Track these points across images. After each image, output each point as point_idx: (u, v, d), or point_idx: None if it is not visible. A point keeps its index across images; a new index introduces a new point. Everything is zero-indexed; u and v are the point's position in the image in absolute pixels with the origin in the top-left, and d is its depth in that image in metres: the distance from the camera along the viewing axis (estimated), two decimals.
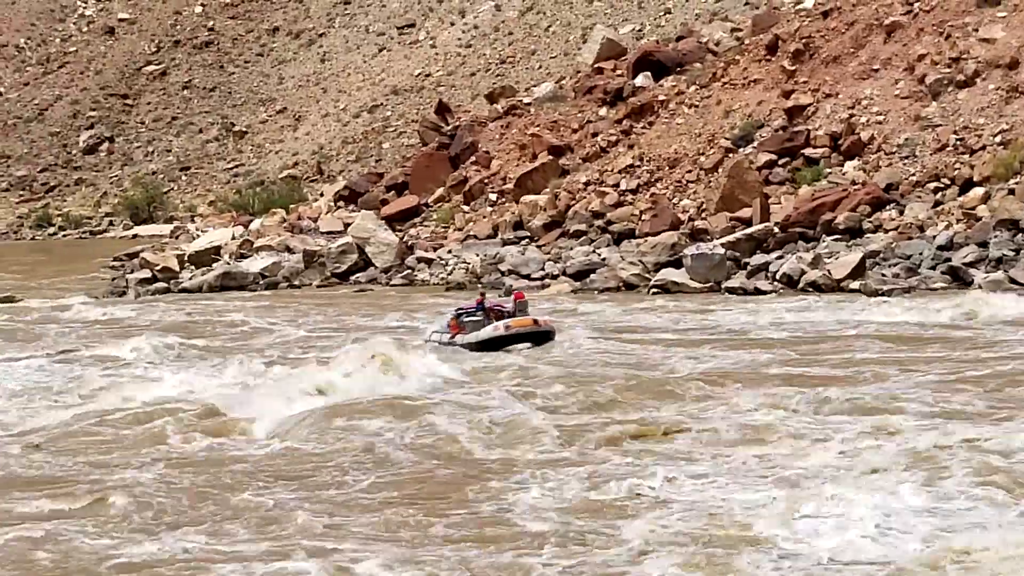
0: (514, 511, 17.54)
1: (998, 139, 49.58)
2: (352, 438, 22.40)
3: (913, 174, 50.37)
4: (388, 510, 17.87)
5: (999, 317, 35.18)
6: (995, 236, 44.26)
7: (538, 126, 64.07)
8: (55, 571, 15.80)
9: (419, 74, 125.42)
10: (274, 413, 24.55)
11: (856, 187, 49.94)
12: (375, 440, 22.10)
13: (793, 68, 58.37)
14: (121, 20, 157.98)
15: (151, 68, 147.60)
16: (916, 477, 18.04)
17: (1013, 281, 41.59)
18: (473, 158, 64.61)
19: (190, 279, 55.33)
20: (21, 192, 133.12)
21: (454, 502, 18.23)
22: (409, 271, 54.14)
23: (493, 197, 60.89)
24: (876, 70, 56.07)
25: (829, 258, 45.28)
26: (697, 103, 60.56)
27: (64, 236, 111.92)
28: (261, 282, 54.35)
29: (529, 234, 55.87)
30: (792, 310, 39.16)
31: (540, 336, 33.19)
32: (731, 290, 44.63)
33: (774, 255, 46.82)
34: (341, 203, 68.22)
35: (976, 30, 54.56)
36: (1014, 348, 30.24)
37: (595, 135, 61.60)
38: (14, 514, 18.18)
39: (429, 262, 54.88)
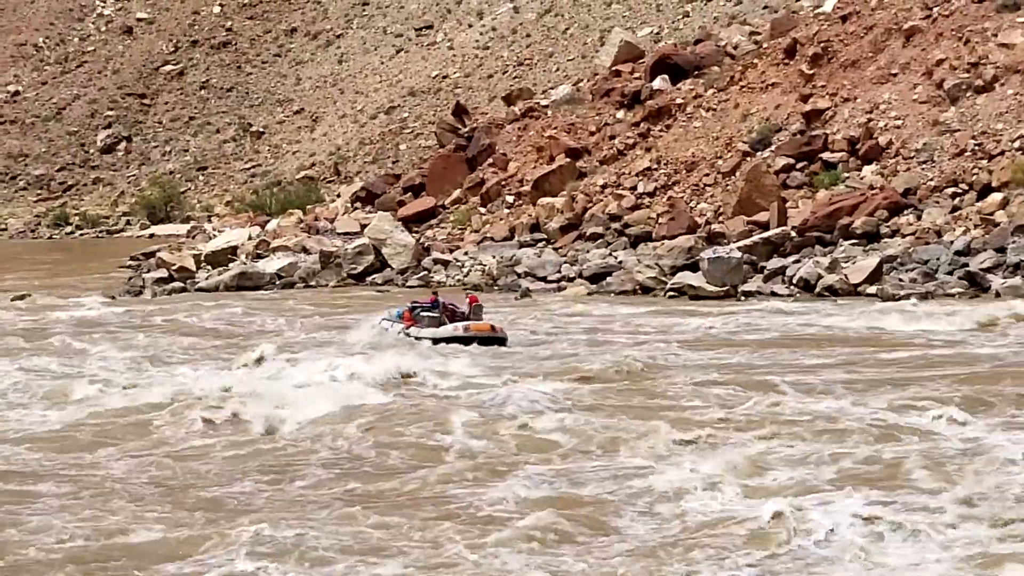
0: None
1: (1016, 144, 49.38)
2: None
3: (931, 179, 50.22)
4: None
5: None
6: (1013, 241, 44.06)
7: (555, 128, 64.08)
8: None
9: (436, 76, 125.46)
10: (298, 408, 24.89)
11: (874, 192, 49.80)
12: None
13: (811, 72, 58.26)
14: (139, 20, 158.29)
15: (169, 68, 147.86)
16: None
17: None
18: (490, 160, 64.63)
19: (206, 279, 55.35)
20: (39, 191, 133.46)
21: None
22: (425, 272, 54.10)
23: (510, 199, 60.91)
24: (894, 74, 55.94)
25: (846, 262, 45.15)
26: (715, 106, 60.50)
27: (81, 235, 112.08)
28: (277, 282, 54.38)
29: (546, 236, 55.83)
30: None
31: (495, 342, 34.60)
32: (747, 294, 44.49)
33: (791, 259, 46.67)
34: (358, 204, 68.28)
35: (995, 35, 54.40)
36: None
37: (612, 138, 61.58)
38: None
39: (445, 264, 54.86)
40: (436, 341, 34.53)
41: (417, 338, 35.13)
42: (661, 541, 16.29)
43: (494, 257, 53.17)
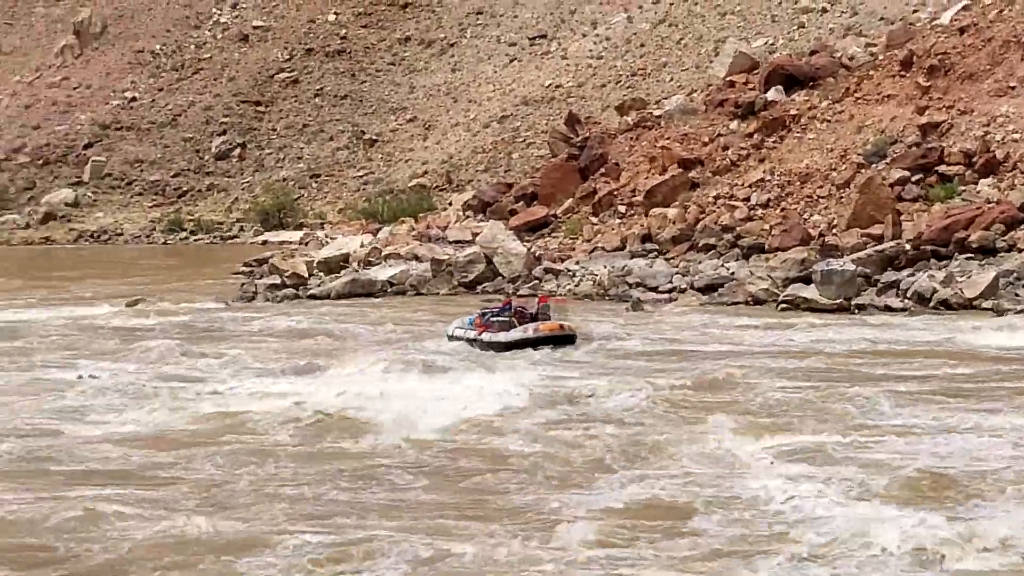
0: None
1: None
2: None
3: None
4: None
5: None
6: None
7: (668, 139, 63.92)
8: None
9: (550, 85, 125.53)
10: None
11: (990, 205, 49.08)
12: None
13: (928, 84, 57.59)
14: (255, 28, 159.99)
15: (284, 75, 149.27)
16: None
17: None
18: (602, 170, 64.59)
19: (318, 286, 55.74)
20: (154, 196, 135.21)
21: None
22: (536, 282, 54.05)
23: (622, 209, 60.78)
24: (1012, 87, 55.17)
25: (961, 277, 44.54)
26: (829, 118, 60.00)
27: (195, 241, 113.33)
28: (388, 290, 54.63)
29: (657, 247, 55.64)
30: None
31: (564, 339, 35.50)
32: (861, 307, 44.01)
33: (905, 273, 46.12)
34: (470, 213, 68.53)
35: None
36: None
37: (726, 149, 61.27)
38: None
39: (556, 273, 54.80)
40: (503, 347, 34.90)
41: (488, 343, 35.57)
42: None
43: (605, 267, 53.06)
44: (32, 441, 23.88)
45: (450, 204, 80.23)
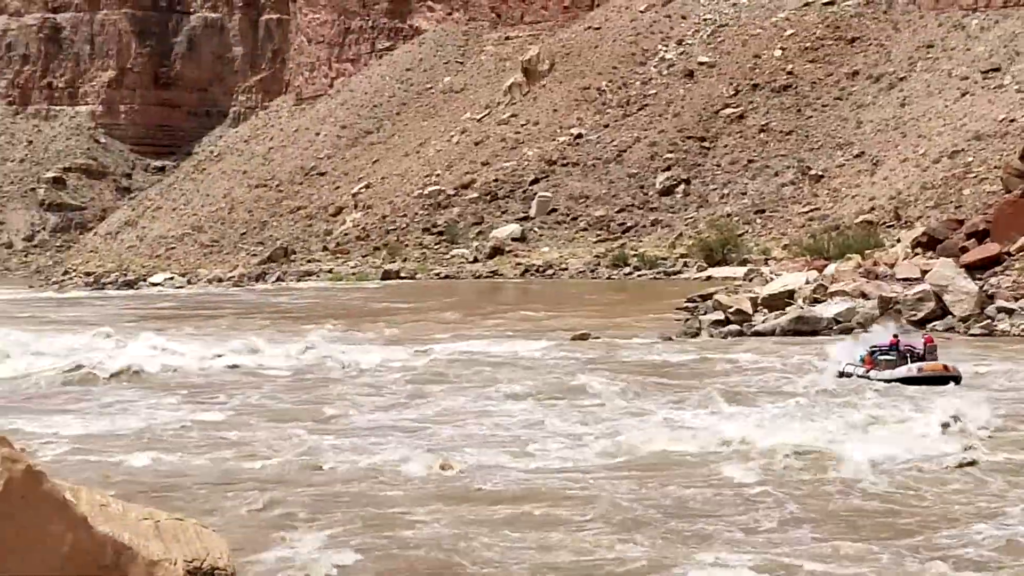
0: None
1: None
2: None
3: None
4: None
5: None
6: None
7: None
8: None
9: (1003, 119, 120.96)
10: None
11: None
12: None
13: None
14: (701, 63, 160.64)
15: (729, 111, 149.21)
16: None
17: None
18: None
19: (763, 322, 54.98)
20: (599, 232, 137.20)
21: None
22: (988, 321, 51.76)
23: None
24: None
25: None
26: None
27: (639, 276, 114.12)
28: (835, 327, 53.34)
29: None
30: None
31: (947, 380, 35.43)
32: None
33: None
34: (919, 250, 66.34)
35: None
36: None
37: None
38: None
39: (1010, 312, 52.39)
40: (891, 381, 35.86)
41: (876, 380, 36.46)
42: None
43: None
44: None
45: (898, 241, 78.03)
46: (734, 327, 54.66)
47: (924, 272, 57.92)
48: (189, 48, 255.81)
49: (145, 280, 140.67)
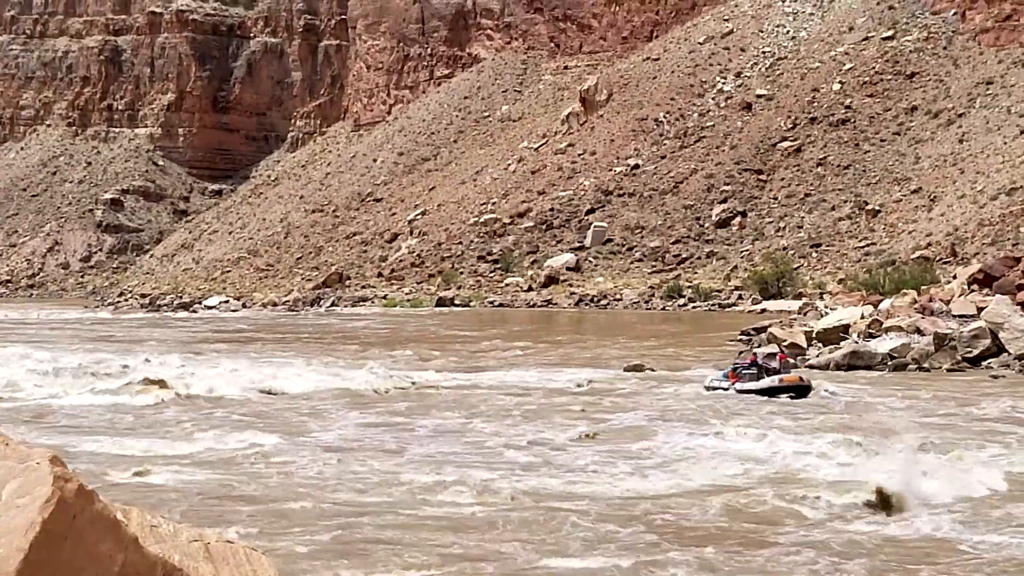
0: None
1: None
2: None
3: None
4: None
5: None
6: None
7: None
8: None
9: None
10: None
11: None
12: None
13: None
14: (759, 96, 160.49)
15: (786, 144, 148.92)
16: None
17: None
18: None
19: (817, 356, 54.67)
20: (653, 263, 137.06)
21: None
22: None
23: None
24: None
25: None
26: None
27: (693, 308, 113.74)
28: (889, 363, 52.93)
29: None
30: None
31: (803, 390, 41.54)
32: None
33: None
34: (975, 286, 65.84)
35: None
36: None
37: None
38: None
39: None
40: (752, 393, 41.08)
41: (742, 391, 41.66)
42: None
43: None
44: None
45: (954, 277, 77.44)
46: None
47: (980, 309, 57.40)
48: (248, 72, 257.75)
49: (200, 303, 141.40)
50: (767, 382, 41.87)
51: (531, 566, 19.05)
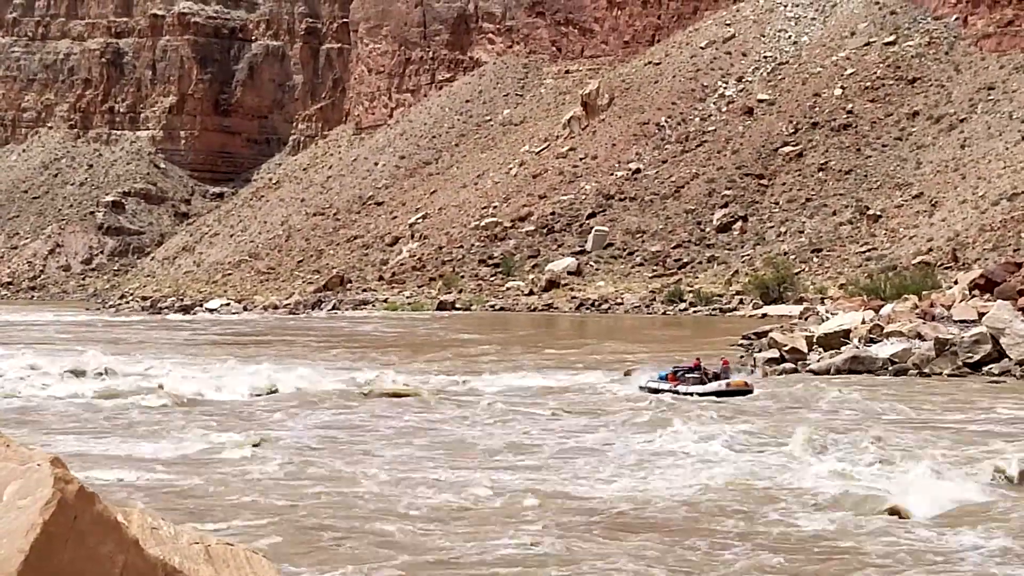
0: None
1: None
2: None
3: None
4: None
5: None
6: None
7: None
8: None
9: None
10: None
11: None
12: None
13: None
14: (760, 101, 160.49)
15: (787, 149, 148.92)
16: None
17: None
18: None
19: (817, 361, 54.63)
20: (654, 267, 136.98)
21: None
22: None
23: None
24: None
25: None
26: None
27: (694, 312, 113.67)
28: (889, 368, 52.91)
29: None
30: None
31: (745, 393, 42.79)
32: None
33: None
34: (976, 292, 65.80)
35: None
36: None
37: None
38: None
39: None
40: (699, 395, 42.05)
41: (685, 393, 42.58)
42: None
43: None
44: None
45: (955, 282, 77.41)
46: (788, 365, 54.35)
47: (981, 314, 57.35)
48: (250, 75, 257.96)
49: (201, 306, 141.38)
50: (714, 386, 43.06)
51: None
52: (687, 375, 44.14)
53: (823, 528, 21.83)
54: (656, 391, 43.53)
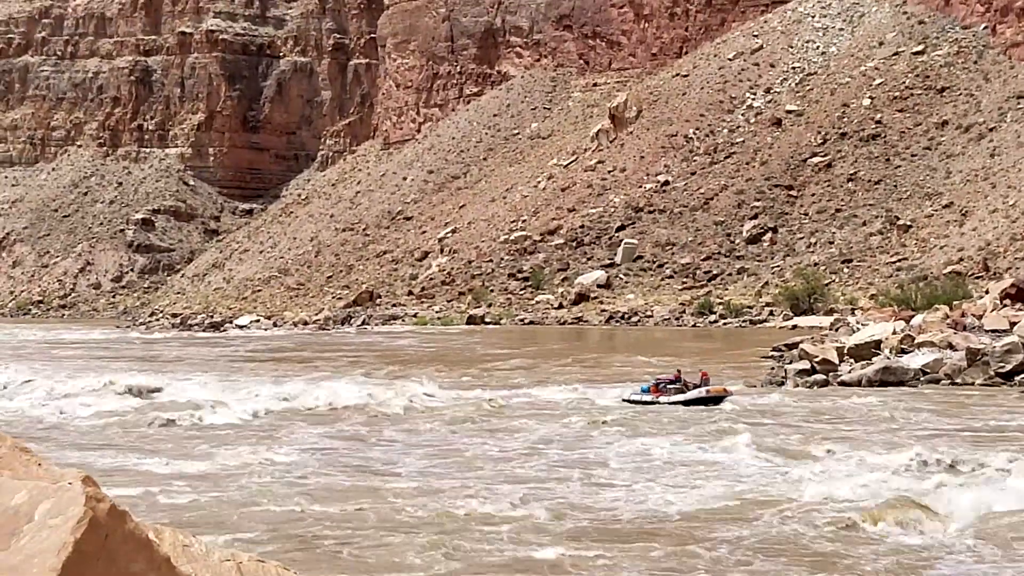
0: None
1: None
2: None
3: None
4: None
5: None
6: None
7: None
8: None
9: None
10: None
11: None
12: None
13: None
14: (788, 112, 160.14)
15: (816, 160, 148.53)
16: None
17: None
18: None
19: (849, 372, 54.41)
20: (684, 279, 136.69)
21: None
22: None
23: None
24: None
25: None
26: None
27: (724, 324, 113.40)
28: (921, 378, 52.67)
29: None
30: None
31: (722, 399, 45.47)
32: None
33: None
34: (1007, 301, 65.51)
35: None
36: None
37: None
38: None
39: None
40: (680, 404, 44.45)
41: (670, 403, 44.81)
42: None
43: None
44: None
45: (987, 292, 77.10)
46: (820, 376, 54.14)
47: (1013, 324, 57.15)
48: (278, 92, 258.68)
49: (231, 322, 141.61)
50: (694, 394, 45.54)
51: None
52: (668, 386, 46.48)
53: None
54: (639, 403, 45.48)
